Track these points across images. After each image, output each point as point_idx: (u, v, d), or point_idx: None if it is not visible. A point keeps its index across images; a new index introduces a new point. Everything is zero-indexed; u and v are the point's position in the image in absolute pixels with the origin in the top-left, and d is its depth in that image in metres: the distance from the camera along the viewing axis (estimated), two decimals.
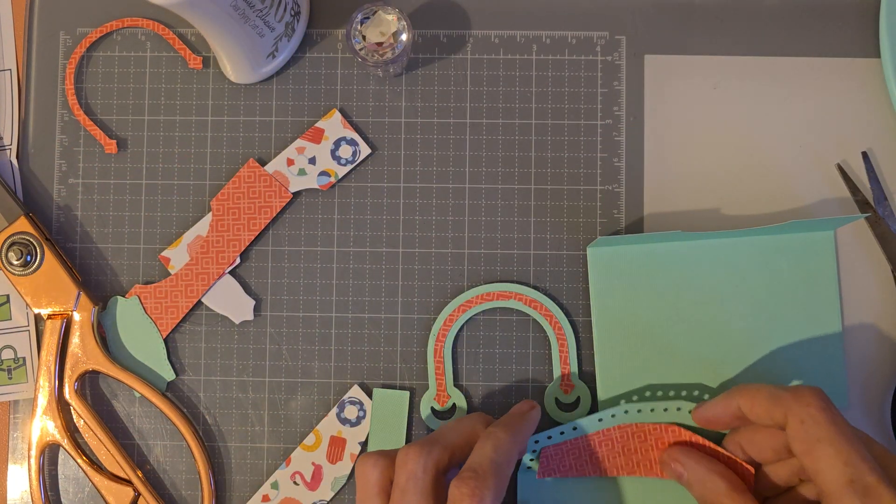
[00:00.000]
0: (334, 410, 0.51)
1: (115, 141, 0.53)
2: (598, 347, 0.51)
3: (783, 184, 0.52)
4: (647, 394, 0.50)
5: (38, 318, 0.52)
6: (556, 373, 0.51)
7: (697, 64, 0.53)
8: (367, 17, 0.49)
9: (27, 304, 0.51)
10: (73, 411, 0.51)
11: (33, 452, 0.51)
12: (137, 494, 0.51)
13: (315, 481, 0.51)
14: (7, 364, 0.52)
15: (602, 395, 0.50)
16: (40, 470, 0.51)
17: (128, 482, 0.51)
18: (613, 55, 0.53)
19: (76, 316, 0.51)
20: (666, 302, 0.51)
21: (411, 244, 0.52)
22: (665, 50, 0.53)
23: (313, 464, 0.51)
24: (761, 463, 0.46)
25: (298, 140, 0.53)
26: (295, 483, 0.51)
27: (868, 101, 0.52)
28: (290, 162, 0.52)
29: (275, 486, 0.51)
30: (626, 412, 0.47)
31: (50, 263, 0.51)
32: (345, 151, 0.52)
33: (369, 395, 0.51)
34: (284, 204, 0.52)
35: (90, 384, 0.53)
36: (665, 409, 0.47)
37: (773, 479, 0.45)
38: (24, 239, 0.51)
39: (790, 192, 0.52)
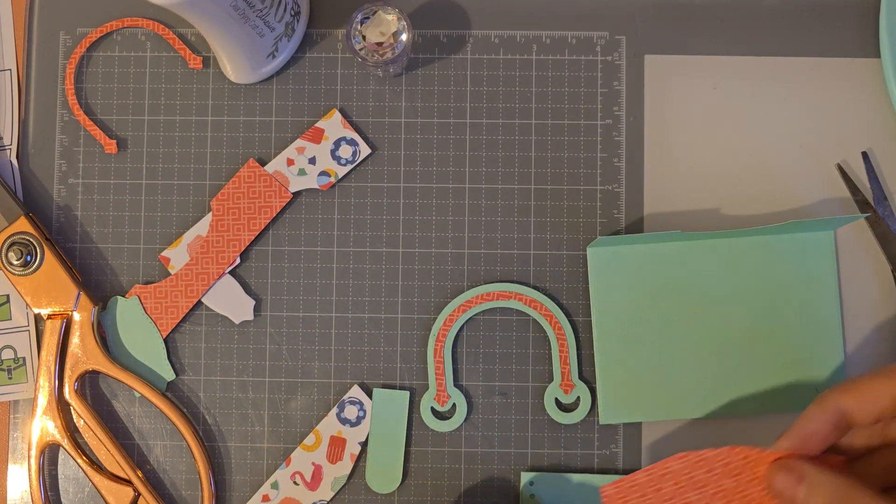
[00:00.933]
0: (334, 410, 0.51)
1: (115, 141, 0.53)
2: (598, 347, 0.51)
3: (783, 184, 0.52)
4: (650, 393, 0.50)
5: (38, 318, 0.52)
6: (556, 373, 0.51)
7: (697, 64, 0.53)
8: (367, 17, 0.49)
9: (27, 304, 0.51)
10: (73, 411, 0.51)
11: (33, 452, 0.51)
12: (137, 494, 0.51)
13: (315, 481, 0.51)
14: (7, 364, 0.52)
15: (602, 395, 0.50)
16: (40, 470, 0.51)
17: (128, 482, 0.51)
18: (613, 55, 0.53)
19: (76, 316, 0.51)
20: (666, 302, 0.51)
21: (411, 244, 0.52)
22: (665, 50, 0.53)
23: (313, 464, 0.51)
24: (866, 424, 0.40)
25: (298, 140, 0.53)
26: (295, 483, 0.51)
27: (868, 101, 0.52)
28: (290, 162, 0.52)
29: (275, 486, 0.51)
30: None
31: (50, 263, 0.51)
32: (345, 151, 0.52)
33: (369, 395, 0.51)
34: (284, 204, 0.52)
35: (90, 384, 0.53)
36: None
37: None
38: (24, 239, 0.51)
39: (790, 192, 0.52)
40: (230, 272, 0.52)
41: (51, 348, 0.51)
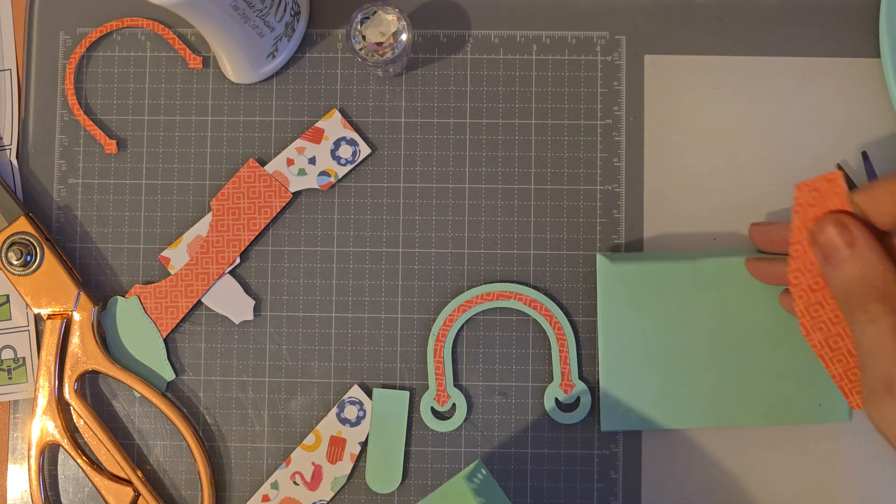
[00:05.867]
0: (334, 410, 0.51)
1: (115, 141, 0.53)
2: (602, 355, 0.50)
3: (783, 184, 0.52)
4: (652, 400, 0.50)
5: (38, 318, 0.52)
6: (556, 373, 0.51)
7: (697, 64, 0.53)
8: (367, 17, 0.49)
9: (27, 304, 0.51)
10: (73, 411, 0.51)
11: (33, 452, 0.51)
12: (137, 494, 0.51)
13: (315, 481, 0.51)
14: (7, 364, 0.52)
15: (604, 402, 0.50)
16: (40, 470, 0.51)
17: (128, 482, 0.51)
18: (613, 55, 0.53)
19: (76, 316, 0.51)
20: (672, 314, 0.50)
21: (411, 244, 0.52)
22: (665, 50, 0.53)
23: (313, 464, 0.51)
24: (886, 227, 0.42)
25: (298, 140, 0.53)
26: (295, 483, 0.51)
27: (868, 101, 0.52)
28: (290, 162, 0.52)
29: (275, 486, 0.51)
30: None
31: (50, 263, 0.51)
32: (345, 151, 0.52)
33: (369, 395, 0.51)
34: (284, 204, 0.52)
35: (90, 384, 0.53)
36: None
37: None
38: (24, 239, 0.51)
39: (790, 192, 0.52)
40: (230, 272, 0.52)
41: (51, 348, 0.51)
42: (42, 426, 0.50)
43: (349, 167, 0.52)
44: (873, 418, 0.40)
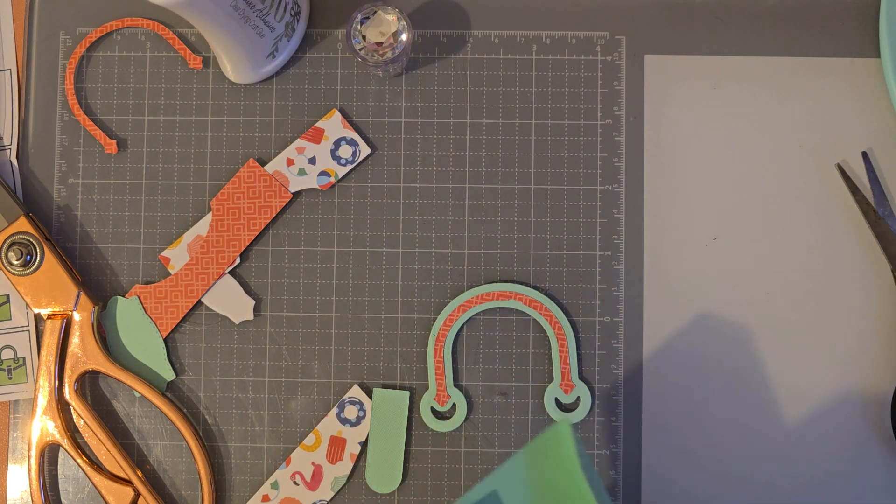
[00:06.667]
0: (334, 410, 0.51)
1: (115, 141, 0.53)
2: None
3: (783, 184, 0.52)
4: None
5: (38, 318, 0.52)
6: (556, 373, 0.51)
7: (697, 64, 0.53)
8: (367, 17, 0.49)
9: (27, 304, 0.51)
10: (73, 411, 0.51)
11: (33, 452, 0.51)
12: (137, 494, 0.51)
13: (315, 481, 0.51)
14: (7, 364, 0.52)
15: None
16: (40, 470, 0.51)
17: (128, 482, 0.51)
18: (613, 55, 0.53)
19: (76, 316, 0.51)
20: None
21: (411, 244, 0.52)
22: (665, 50, 0.53)
23: (313, 464, 0.51)
24: None
25: (298, 140, 0.53)
26: (295, 483, 0.51)
27: (868, 101, 0.52)
28: (290, 162, 0.52)
29: (275, 486, 0.51)
30: None
31: (50, 263, 0.51)
32: (345, 151, 0.52)
33: (369, 395, 0.51)
34: (284, 204, 0.52)
35: (90, 384, 0.53)
36: None
37: None
38: (24, 239, 0.51)
39: (790, 192, 0.52)
40: (230, 272, 0.52)
41: (51, 348, 0.51)
42: (42, 426, 0.50)
43: (349, 167, 0.52)
44: None
